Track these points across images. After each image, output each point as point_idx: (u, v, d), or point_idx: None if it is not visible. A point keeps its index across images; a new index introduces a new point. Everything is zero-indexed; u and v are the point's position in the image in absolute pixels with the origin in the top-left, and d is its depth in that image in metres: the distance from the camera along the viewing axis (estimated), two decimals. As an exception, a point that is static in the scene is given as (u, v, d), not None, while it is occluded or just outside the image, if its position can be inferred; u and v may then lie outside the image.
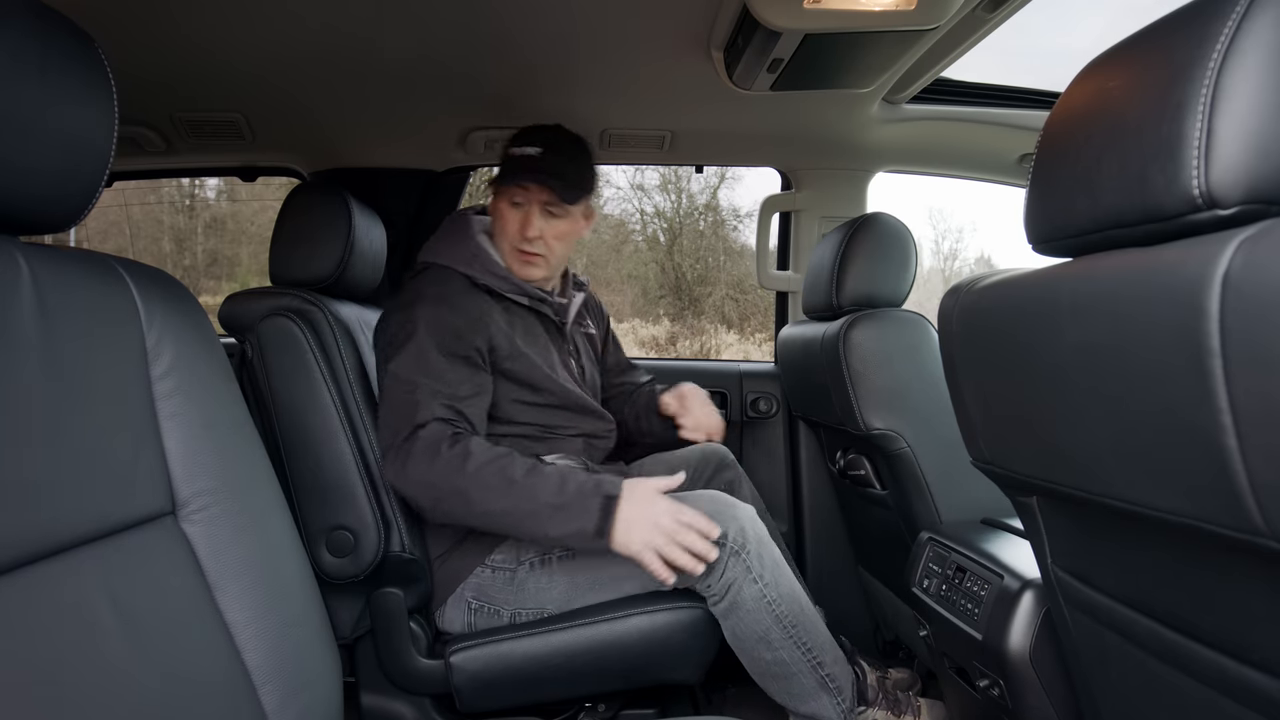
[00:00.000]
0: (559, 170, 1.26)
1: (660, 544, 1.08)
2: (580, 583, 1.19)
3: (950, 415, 0.81)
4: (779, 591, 1.15)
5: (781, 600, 1.15)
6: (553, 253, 1.31)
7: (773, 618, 1.14)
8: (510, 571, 1.22)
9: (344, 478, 1.18)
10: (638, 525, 1.08)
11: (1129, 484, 0.53)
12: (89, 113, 0.61)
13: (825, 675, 1.18)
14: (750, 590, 1.13)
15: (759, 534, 1.16)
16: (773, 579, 1.15)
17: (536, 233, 1.27)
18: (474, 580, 1.23)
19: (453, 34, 1.29)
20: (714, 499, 1.19)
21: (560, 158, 1.27)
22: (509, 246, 1.30)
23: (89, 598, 0.57)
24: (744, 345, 7.14)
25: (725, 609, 1.15)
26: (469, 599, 1.23)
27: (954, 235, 8.91)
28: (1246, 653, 0.51)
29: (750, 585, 1.13)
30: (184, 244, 7.54)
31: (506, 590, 1.21)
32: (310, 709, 0.72)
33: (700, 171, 2.07)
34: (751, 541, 1.14)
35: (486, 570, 1.23)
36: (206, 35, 1.27)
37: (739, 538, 1.14)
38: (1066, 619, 0.76)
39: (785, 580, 1.17)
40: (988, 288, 0.69)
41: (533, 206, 1.27)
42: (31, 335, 0.56)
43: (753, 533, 1.15)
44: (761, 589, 1.14)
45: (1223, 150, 0.44)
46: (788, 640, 1.15)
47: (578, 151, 1.31)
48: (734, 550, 1.13)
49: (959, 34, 1.27)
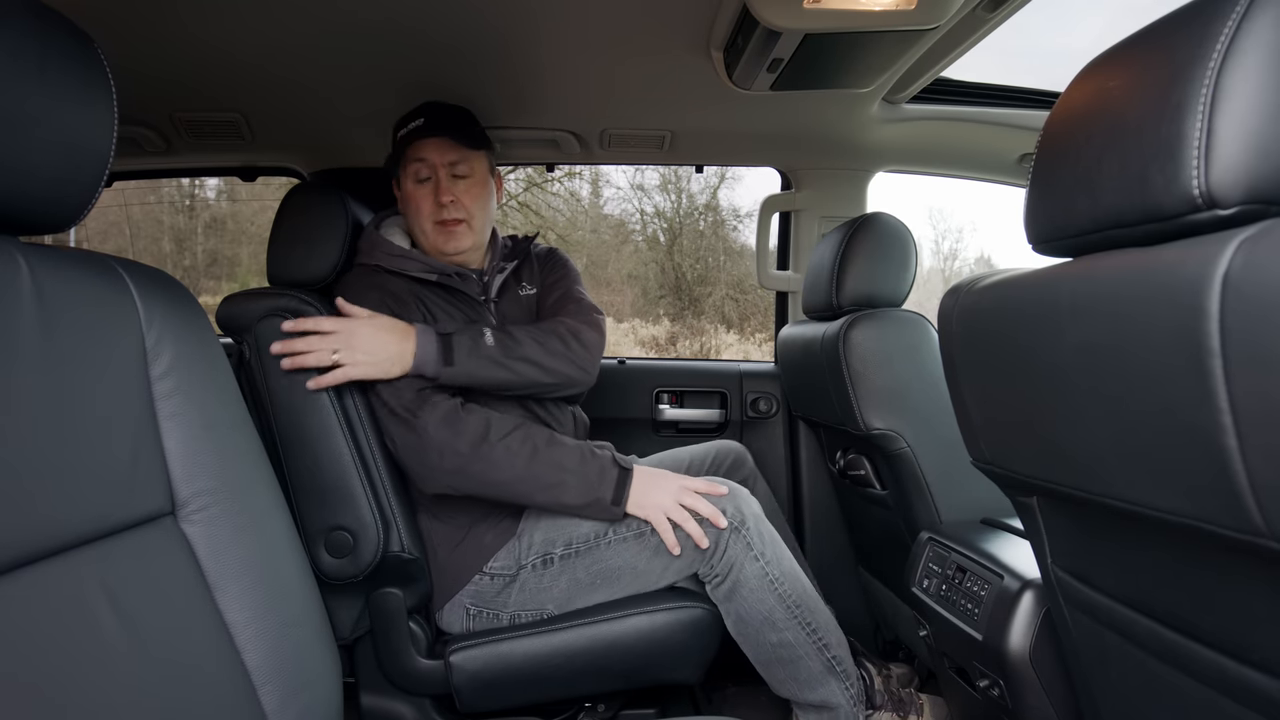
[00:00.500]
0: (449, 124, 1.27)
1: (669, 505, 1.14)
2: (581, 580, 1.19)
3: (950, 415, 0.81)
4: (781, 569, 1.16)
5: (784, 578, 1.16)
6: (473, 216, 1.28)
7: (776, 597, 1.15)
8: (509, 578, 1.21)
9: (342, 478, 1.18)
10: (651, 490, 1.16)
11: (1129, 484, 0.53)
12: (88, 113, 0.61)
13: (832, 658, 1.18)
14: (752, 568, 1.14)
15: (755, 512, 1.18)
16: (774, 556, 1.16)
17: (449, 196, 1.25)
18: (471, 588, 1.23)
19: (452, 34, 1.29)
20: (709, 481, 1.21)
21: (445, 116, 1.28)
22: (429, 225, 1.27)
23: (89, 598, 0.57)
24: (744, 345, 7.14)
25: (728, 590, 1.16)
26: (467, 605, 1.23)
27: (954, 235, 8.91)
28: (1246, 653, 0.51)
29: (751, 563, 1.14)
30: (184, 244, 7.54)
31: (505, 595, 1.21)
32: (310, 709, 0.72)
33: (700, 171, 2.07)
34: (750, 519, 1.16)
35: (484, 578, 1.22)
36: (206, 35, 1.27)
37: (736, 515, 1.15)
38: (1066, 619, 0.76)
39: (786, 559, 1.18)
40: (988, 288, 0.69)
41: (438, 173, 1.26)
42: (31, 335, 0.56)
43: (749, 511, 1.17)
44: (763, 566, 1.15)
45: (1223, 150, 0.44)
46: (792, 620, 1.16)
47: (460, 111, 1.31)
48: (733, 527, 1.14)
49: (959, 34, 1.27)
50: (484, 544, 1.23)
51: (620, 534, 1.18)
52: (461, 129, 1.28)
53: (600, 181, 7.33)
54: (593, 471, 1.15)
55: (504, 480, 1.14)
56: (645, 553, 1.18)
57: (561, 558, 1.20)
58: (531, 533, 1.22)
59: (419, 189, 1.27)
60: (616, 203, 7.65)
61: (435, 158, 1.26)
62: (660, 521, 1.14)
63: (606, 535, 1.19)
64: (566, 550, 1.20)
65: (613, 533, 1.18)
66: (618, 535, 1.18)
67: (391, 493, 1.21)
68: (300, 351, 1.14)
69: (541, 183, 7.06)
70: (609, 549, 1.18)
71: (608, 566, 1.19)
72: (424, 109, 1.29)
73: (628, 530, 1.18)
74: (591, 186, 7.40)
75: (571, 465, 1.15)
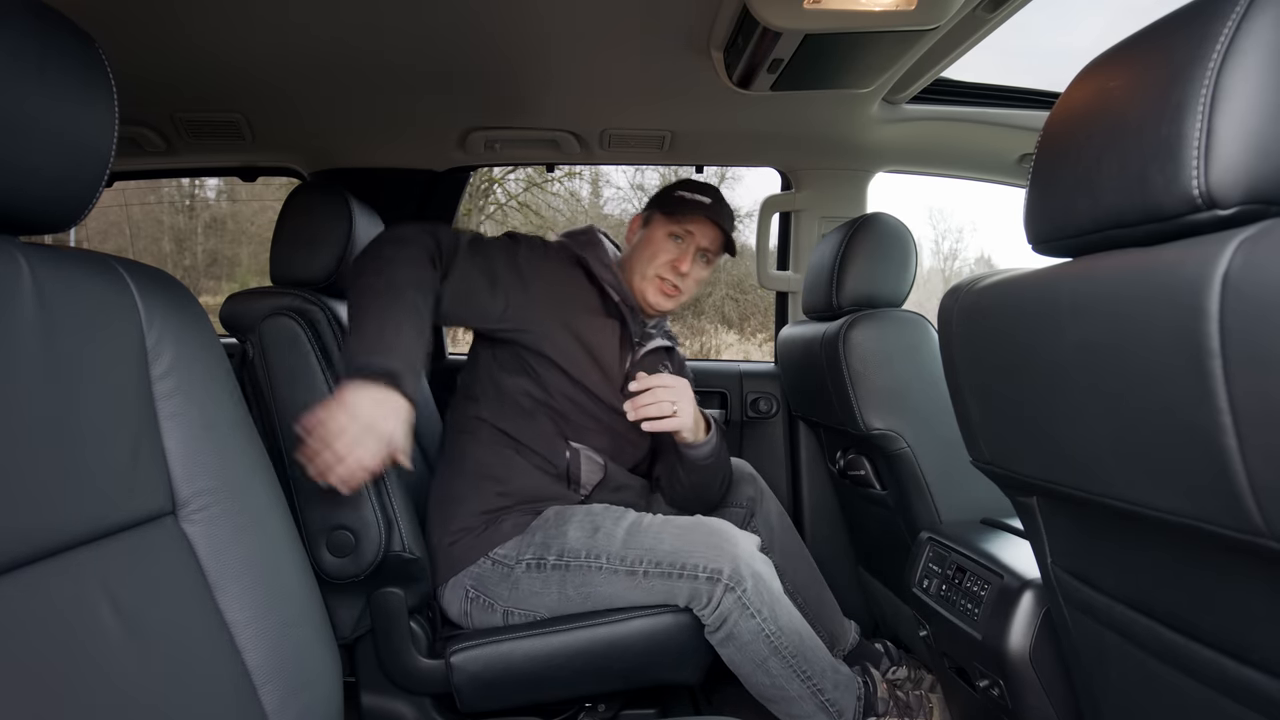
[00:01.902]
0: (727, 222, 1.37)
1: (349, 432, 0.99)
2: (571, 597, 1.19)
3: (950, 415, 0.81)
4: (778, 625, 1.15)
5: (781, 633, 1.15)
6: (688, 293, 1.40)
7: (770, 649, 1.14)
8: (509, 568, 1.22)
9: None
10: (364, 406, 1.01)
11: (1129, 484, 0.53)
12: (89, 113, 0.61)
13: (825, 700, 1.18)
14: (747, 625, 1.14)
15: (755, 570, 1.15)
16: (770, 614, 1.14)
17: (688, 270, 1.36)
18: (475, 570, 1.24)
19: (452, 34, 1.29)
20: (711, 530, 1.19)
21: (726, 214, 1.38)
22: (652, 273, 1.37)
23: (89, 598, 0.57)
24: (744, 345, 7.13)
25: (721, 638, 1.16)
26: (468, 586, 1.24)
27: (954, 235, 8.92)
28: (1246, 653, 0.51)
29: (747, 620, 1.13)
30: (184, 244, 7.55)
31: (503, 586, 1.22)
32: (310, 709, 0.72)
33: (700, 171, 2.07)
34: (747, 578, 1.13)
35: (488, 562, 1.24)
36: (207, 36, 1.27)
37: (734, 576, 1.13)
38: (1066, 619, 0.76)
39: (784, 614, 1.16)
40: (988, 288, 0.69)
41: (690, 247, 1.37)
42: (31, 335, 0.56)
43: (748, 570, 1.14)
44: (759, 624, 1.14)
45: (1222, 150, 0.44)
46: (787, 669, 1.16)
47: (732, 214, 1.43)
48: (728, 587, 1.13)
49: (959, 34, 1.27)
50: (501, 529, 1.25)
51: (613, 565, 1.17)
52: (730, 233, 1.39)
53: (600, 181, 7.32)
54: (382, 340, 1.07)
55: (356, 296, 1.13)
56: (636, 591, 1.17)
57: (554, 566, 1.20)
58: (534, 533, 1.24)
59: (669, 242, 1.37)
60: (616, 203, 7.63)
61: (700, 237, 1.37)
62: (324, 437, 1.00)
63: (599, 559, 1.18)
64: (558, 561, 1.19)
65: (605, 561, 1.18)
66: (610, 565, 1.17)
67: (394, 492, 1.21)
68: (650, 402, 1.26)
69: (541, 183, 7.06)
70: (599, 575, 1.18)
71: (597, 593, 1.18)
72: (714, 192, 1.39)
73: (620, 563, 1.17)
74: (591, 186, 7.40)
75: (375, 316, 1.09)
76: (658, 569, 1.16)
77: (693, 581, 1.14)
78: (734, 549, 1.15)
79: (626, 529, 1.20)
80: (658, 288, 1.36)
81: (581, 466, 1.30)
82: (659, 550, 1.16)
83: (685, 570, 1.15)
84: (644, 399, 1.26)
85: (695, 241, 1.36)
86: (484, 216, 7.09)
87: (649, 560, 1.16)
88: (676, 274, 1.35)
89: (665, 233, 1.37)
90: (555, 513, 1.25)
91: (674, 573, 1.15)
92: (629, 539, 1.18)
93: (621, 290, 1.36)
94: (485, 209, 7.12)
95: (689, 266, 1.36)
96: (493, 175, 6.87)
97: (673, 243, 1.36)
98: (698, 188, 1.39)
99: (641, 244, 1.40)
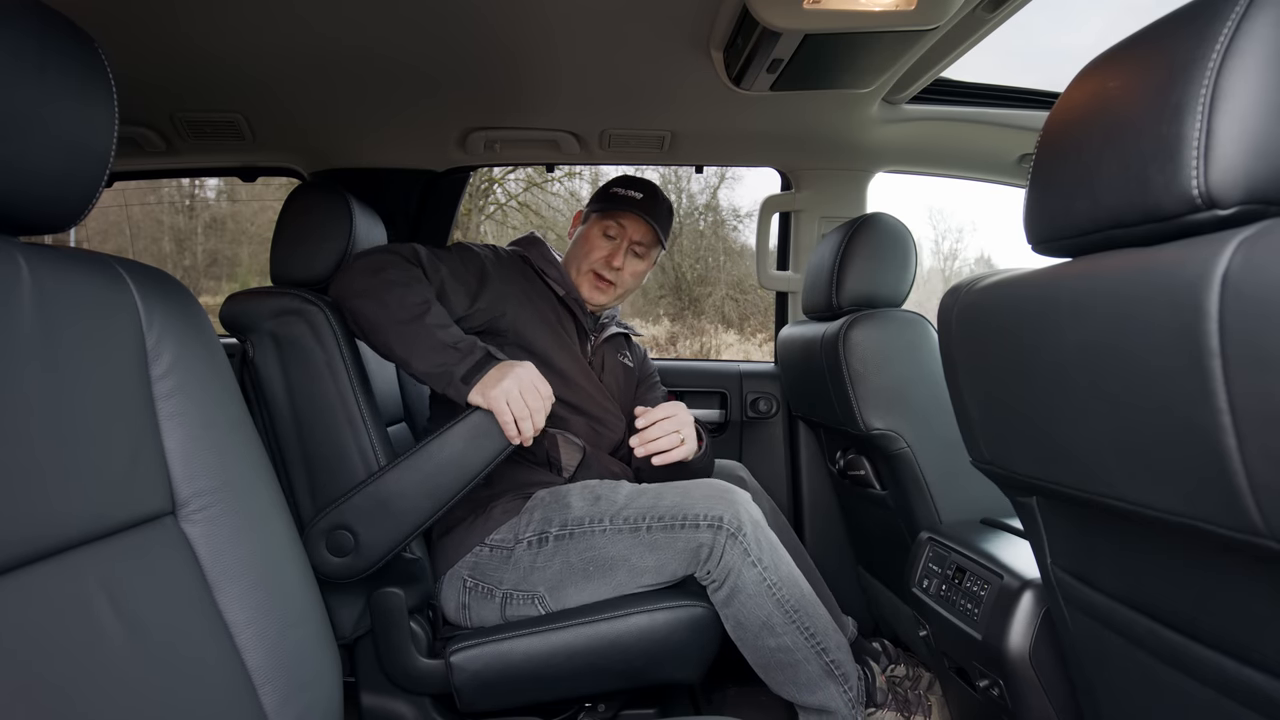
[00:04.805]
0: (660, 217, 1.43)
1: (511, 393, 1.11)
2: (574, 564, 1.20)
3: (950, 415, 0.81)
4: (778, 575, 1.17)
5: (781, 584, 1.17)
6: (621, 288, 1.45)
7: (774, 602, 1.16)
8: (508, 550, 1.23)
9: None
10: (504, 379, 1.12)
11: (1129, 484, 0.53)
12: (89, 113, 0.61)
13: (830, 661, 1.19)
14: (749, 574, 1.15)
15: (754, 518, 1.18)
16: (771, 562, 1.16)
17: (621, 265, 1.42)
18: (471, 559, 1.25)
19: (453, 34, 1.29)
20: (711, 484, 1.22)
21: (660, 208, 1.44)
22: (587, 268, 1.43)
23: (89, 598, 0.57)
24: (744, 345, 7.14)
25: (726, 595, 1.16)
26: (465, 576, 1.25)
27: (954, 235, 8.90)
28: (1247, 653, 0.51)
29: (749, 569, 1.15)
30: (184, 244, 7.54)
31: (502, 569, 1.23)
32: (310, 709, 0.72)
33: (700, 171, 2.07)
34: (748, 525, 1.16)
35: (484, 549, 1.25)
36: (207, 36, 1.27)
37: (734, 521, 1.15)
38: (1066, 619, 0.76)
39: (784, 564, 1.18)
40: (988, 288, 0.69)
41: (623, 242, 1.43)
42: (31, 335, 0.56)
43: (748, 517, 1.17)
44: (761, 572, 1.15)
45: (1222, 151, 0.44)
46: (790, 625, 1.16)
47: (669, 209, 1.48)
48: (730, 534, 1.15)
49: (959, 34, 1.27)
50: (491, 516, 1.27)
51: (616, 525, 1.19)
52: (665, 224, 1.45)
53: (600, 181, 7.32)
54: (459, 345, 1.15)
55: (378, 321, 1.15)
56: (640, 548, 1.18)
57: (556, 538, 1.22)
58: (533, 511, 1.25)
59: (602, 239, 1.44)
60: (617, 203, 7.62)
61: (632, 231, 1.43)
62: (497, 404, 1.11)
63: (601, 522, 1.20)
64: (561, 531, 1.22)
65: (609, 522, 1.19)
66: (613, 526, 1.19)
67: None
68: (656, 437, 1.27)
69: (541, 183, 7.06)
70: (603, 537, 1.19)
71: (601, 555, 1.20)
72: (647, 187, 1.44)
73: (624, 522, 1.19)
74: (591, 186, 7.39)
75: (433, 321, 1.16)
76: (660, 522, 1.18)
77: (694, 531, 1.16)
78: (733, 497, 1.19)
79: (628, 493, 1.24)
80: (592, 282, 1.43)
81: (560, 449, 1.34)
82: (660, 506, 1.19)
83: (686, 520, 1.17)
84: (651, 433, 1.27)
85: (628, 236, 1.42)
86: (484, 216, 7.09)
87: (651, 515, 1.19)
88: (609, 268, 1.41)
89: (599, 229, 1.44)
90: (549, 493, 1.28)
91: (675, 524, 1.17)
92: (630, 500, 1.22)
93: (566, 284, 1.42)
94: (485, 209, 7.12)
95: (621, 261, 1.42)
96: (493, 175, 6.88)
97: (605, 239, 1.43)
98: (631, 184, 1.45)
99: (579, 241, 1.47)
